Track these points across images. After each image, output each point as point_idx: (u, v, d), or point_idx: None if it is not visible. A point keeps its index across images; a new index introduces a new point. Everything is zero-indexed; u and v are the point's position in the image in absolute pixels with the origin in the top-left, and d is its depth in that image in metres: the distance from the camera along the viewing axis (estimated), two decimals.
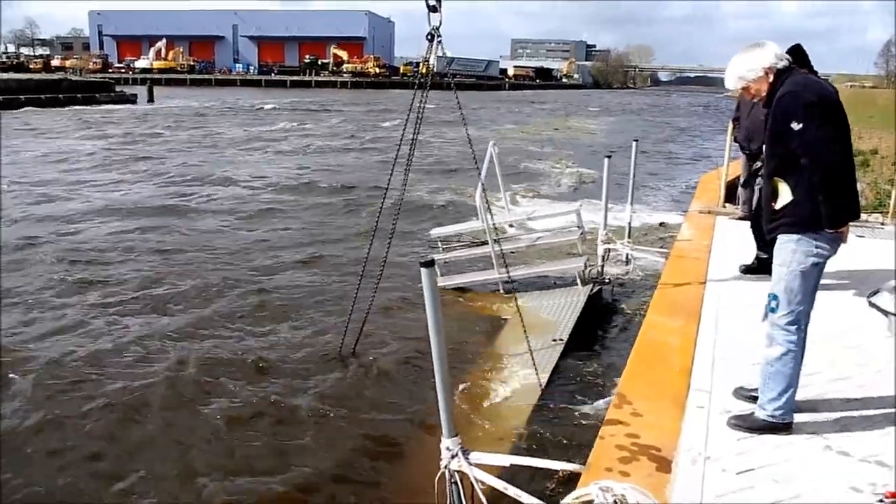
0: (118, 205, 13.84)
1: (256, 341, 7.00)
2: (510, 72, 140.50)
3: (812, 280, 3.27)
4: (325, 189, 16.31)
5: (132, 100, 51.41)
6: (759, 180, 6.87)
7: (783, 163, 3.27)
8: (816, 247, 3.23)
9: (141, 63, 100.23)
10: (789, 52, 3.37)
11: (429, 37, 5.33)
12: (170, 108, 46.66)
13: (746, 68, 3.36)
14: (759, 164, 7.31)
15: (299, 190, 16.21)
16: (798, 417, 3.42)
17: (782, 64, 3.30)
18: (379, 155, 22.64)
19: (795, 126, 3.14)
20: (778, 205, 3.30)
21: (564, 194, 16.80)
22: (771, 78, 3.31)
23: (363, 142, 27.77)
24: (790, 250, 3.27)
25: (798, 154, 3.18)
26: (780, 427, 3.37)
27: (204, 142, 26.90)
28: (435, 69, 5.64)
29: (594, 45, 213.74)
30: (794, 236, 3.26)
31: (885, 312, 4.25)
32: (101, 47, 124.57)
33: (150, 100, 52.54)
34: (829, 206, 3.16)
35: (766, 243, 4.90)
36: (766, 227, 3.43)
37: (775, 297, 3.30)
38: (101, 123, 34.08)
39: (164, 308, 7.88)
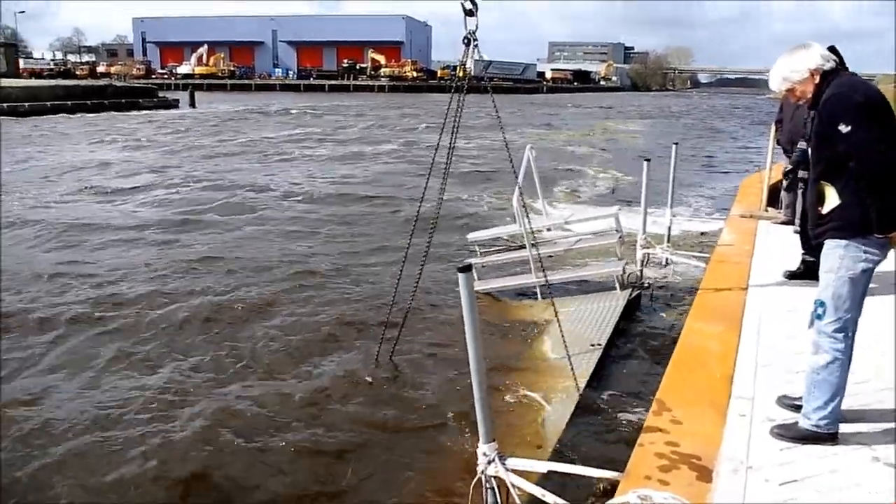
0: (153, 212, 13.99)
1: (291, 352, 6.94)
2: (548, 74, 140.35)
3: (861, 287, 3.18)
4: (360, 196, 16.16)
5: (174, 105, 52.59)
6: (801, 183, 6.76)
7: (830, 166, 3.20)
8: (865, 252, 3.14)
9: (183, 69, 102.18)
10: None
11: (465, 40, 5.33)
12: (211, 113, 47.42)
13: (791, 69, 3.29)
14: (789, 166, 7.19)
15: (335, 197, 16.03)
16: (844, 427, 3.33)
17: (829, 65, 3.23)
18: (415, 160, 22.67)
19: (843, 129, 3.06)
20: (825, 209, 3.22)
21: (602, 198, 16.64)
22: (816, 79, 3.24)
23: (399, 146, 27.88)
24: (838, 256, 3.19)
25: (845, 157, 3.10)
26: (825, 437, 3.29)
27: (241, 147, 27.23)
28: (472, 73, 5.63)
29: (632, 48, 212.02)
30: (842, 241, 3.17)
31: None
32: (145, 54, 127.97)
33: (192, 105, 53.63)
34: (878, 209, 3.08)
35: (812, 247, 4.80)
36: (812, 232, 3.36)
37: (822, 304, 3.22)
38: (143, 128, 34.79)
39: (190, 324, 7.63)
